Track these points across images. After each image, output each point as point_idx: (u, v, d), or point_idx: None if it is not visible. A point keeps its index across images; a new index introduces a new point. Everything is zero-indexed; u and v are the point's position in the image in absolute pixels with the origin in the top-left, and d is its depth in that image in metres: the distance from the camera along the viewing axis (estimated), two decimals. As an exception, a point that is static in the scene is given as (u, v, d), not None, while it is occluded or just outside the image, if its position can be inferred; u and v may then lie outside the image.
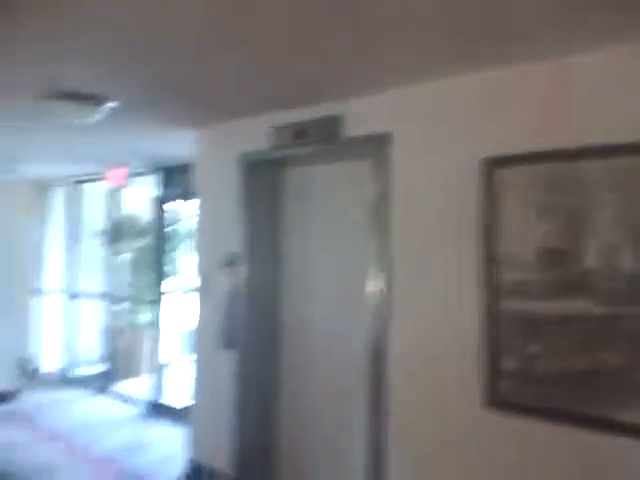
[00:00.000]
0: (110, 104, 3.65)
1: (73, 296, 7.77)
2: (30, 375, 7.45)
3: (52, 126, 4.60)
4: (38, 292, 7.98)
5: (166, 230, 6.57)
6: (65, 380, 7.58)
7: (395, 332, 3.26)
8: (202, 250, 4.69)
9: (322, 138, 3.65)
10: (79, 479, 4.56)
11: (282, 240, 4.28)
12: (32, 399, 6.56)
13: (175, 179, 6.31)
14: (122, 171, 6.62)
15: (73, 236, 7.83)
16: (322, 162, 4.01)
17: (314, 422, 3.98)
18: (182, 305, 6.81)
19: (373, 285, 3.37)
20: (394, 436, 3.24)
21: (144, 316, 7.75)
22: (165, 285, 6.52)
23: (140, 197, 7.74)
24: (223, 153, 4.37)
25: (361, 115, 3.48)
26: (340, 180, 3.90)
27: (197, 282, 4.77)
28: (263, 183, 4.25)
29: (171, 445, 5.26)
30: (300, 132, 3.74)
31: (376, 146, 3.36)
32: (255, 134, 4.08)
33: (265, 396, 4.22)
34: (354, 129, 3.50)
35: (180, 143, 5.07)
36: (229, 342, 4.17)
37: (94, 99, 3.58)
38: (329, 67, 3.00)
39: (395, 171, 3.29)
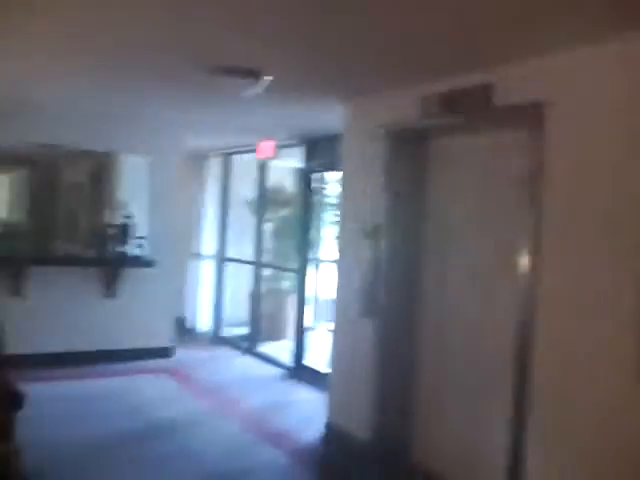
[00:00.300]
0: (268, 78, 3.81)
1: (223, 261, 8.28)
2: (186, 333, 8.07)
3: (214, 100, 4.93)
4: (194, 256, 8.62)
5: (310, 200, 6.75)
6: (216, 339, 8.14)
7: (543, 312, 3.13)
8: (345, 220, 4.79)
9: (472, 108, 3.55)
10: (228, 430, 4.89)
11: (425, 212, 4.25)
12: (187, 355, 7.09)
13: (320, 151, 6.46)
14: (271, 143, 6.89)
15: (224, 205, 8.31)
16: (471, 133, 3.91)
17: (453, 393, 3.95)
18: (324, 273, 7.02)
19: (521, 263, 3.25)
20: (538, 408, 3.14)
21: (287, 282, 8.12)
22: (308, 253, 6.73)
23: (286, 168, 8.03)
24: (370, 124, 4.39)
25: (513, 83, 3.33)
26: (489, 151, 3.77)
27: (339, 251, 4.89)
28: (408, 154, 4.22)
29: (311, 407, 5.48)
30: (449, 102, 3.66)
31: (529, 116, 3.20)
32: (402, 105, 4.06)
33: (404, 365, 4.25)
34: (506, 98, 3.36)
35: (326, 115, 5.18)
36: (369, 310, 4.25)
37: (255, 73, 3.77)
38: (483, 32, 2.90)
39: (551, 142, 3.12)
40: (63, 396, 5.23)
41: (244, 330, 7.92)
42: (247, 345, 7.62)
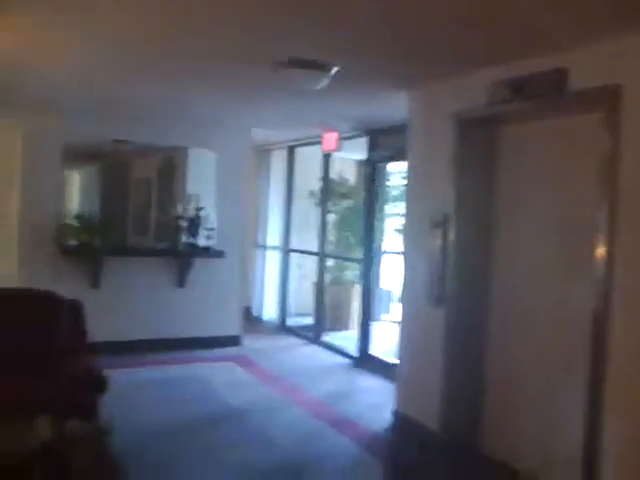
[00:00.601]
0: (334, 69, 3.84)
1: (288, 252, 8.40)
2: (252, 322, 8.24)
3: (280, 93, 5.00)
4: (260, 247, 8.79)
5: (374, 191, 6.75)
6: (281, 328, 8.28)
7: (618, 301, 3.05)
8: (411, 210, 4.77)
9: (544, 92, 3.46)
10: (297, 417, 4.98)
11: (494, 201, 4.18)
12: (254, 344, 7.24)
13: (384, 141, 6.44)
14: (335, 135, 6.92)
15: (289, 197, 8.42)
16: (542, 118, 3.81)
17: (525, 382, 3.89)
18: (389, 263, 7.02)
19: (596, 251, 3.17)
20: (614, 400, 3.07)
21: (351, 273, 8.17)
22: (372, 244, 6.75)
23: (349, 160, 8.06)
24: (436, 112, 4.36)
25: (588, 66, 3.24)
26: (562, 137, 3.68)
27: (405, 241, 4.88)
28: (477, 142, 4.16)
29: (378, 396, 5.50)
30: (520, 87, 3.58)
31: (604, 100, 3.12)
32: (471, 91, 4.00)
33: (473, 354, 4.21)
34: (579, 82, 3.27)
35: (391, 105, 5.16)
36: (438, 299, 4.23)
37: (321, 65, 3.81)
38: (556, 13, 2.82)
39: (628, 127, 3.03)
40: (137, 382, 5.45)
41: (309, 320, 8.01)
42: (312, 334, 7.71)
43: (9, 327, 3.80)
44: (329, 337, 7.60)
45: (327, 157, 7.61)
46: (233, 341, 7.08)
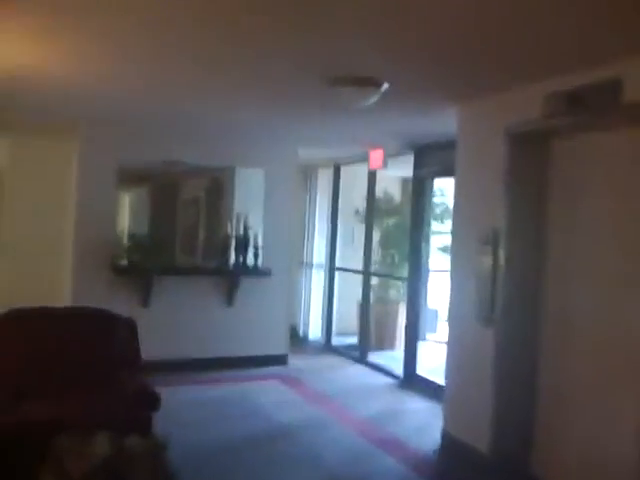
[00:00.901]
0: (385, 86, 3.86)
1: (333, 270, 8.39)
2: (298, 341, 8.22)
3: (327, 111, 5.05)
4: (305, 265, 8.81)
5: (420, 209, 6.70)
6: (326, 348, 8.25)
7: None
8: (459, 227, 4.72)
9: (599, 104, 3.39)
10: (344, 437, 4.94)
11: (547, 217, 4.09)
12: (300, 363, 7.23)
13: (430, 158, 6.40)
14: (380, 152, 6.93)
15: (334, 215, 8.43)
16: (598, 131, 3.71)
17: (579, 402, 3.77)
18: (435, 282, 6.94)
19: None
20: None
21: (396, 291, 8.11)
22: (419, 262, 6.68)
23: (395, 177, 8.04)
24: (487, 126, 4.31)
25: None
26: (620, 150, 3.57)
27: (453, 258, 4.82)
28: (529, 156, 4.09)
29: (425, 417, 5.42)
30: (575, 99, 3.50)
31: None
32: (523, 105, 3.95)
33: (524, 374, 4.10)
34: (635, 93, 3.17)
35: (438, 120, 5.15)
36: (487, 318, 4.15)
37: (370, 82, 3.83)
38: (610, 22, 2.76)
39: None
40: (186, 401, 5.49)
41: (354, 339, 7.96)
42: (357, 354, 7.65)
43: (67, 345, 3.89)
44: (374, 357, 7.53)
45: (373, 174, 7.61)
46: (280, 360, 7.08)
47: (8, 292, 6.66)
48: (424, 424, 5.19)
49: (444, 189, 7.64)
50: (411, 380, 6.50)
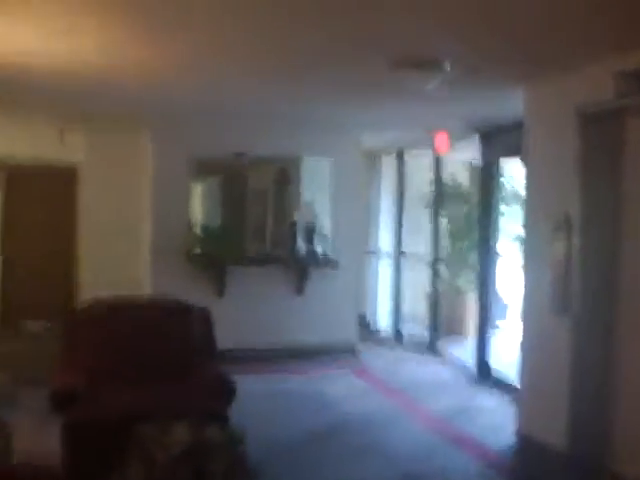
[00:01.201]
0: (448, 68, 3.80)
1: (400, 258, 8.32)
2: (366, 331, 8.21)
3: (392, 97, 5.04)
4: (372, 254, 8.79)
5: (489, 194, 6.56)
6: (395, 337, 8.19)
7: None
8: (531, 212, 4.60)
9: None
10: (415, 431, 4.93)
11: (623, 200, 3.90)
12: (369, 353, 7.24)
13: (498, 140, 6.24)
14: (446, 137, 6.81)
15: (400, 202, 8.36)
16: None
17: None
18: (507, 270, 6.78)
19: None
20: None
21: (465, 280, 7.95)
22: (489, 249, 6.55)
23: (461, 161, 7.89)
24: (556, 107, 4.18)
25: None
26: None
27: (525, 245, 4.71)
28: (603, 137, 3.92)
29: (498, 412, 5.32)
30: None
31: None
32: (595, 83, 3.79)
33: (603, 367, 3.96)
34: None
35: (504, 102, 5.02)
36: (562, 308, 4.04)
37: (435, 64, 3.78)
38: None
39: None
40: (258, 390, 5.59)
41: (423, 328, 7.89)
42: (427, 343, 7.59)
43: (146, 335, 4.06)
44: (444, 346, 7.44)
45: (438, 159, 7.50)
46: (349, 350, 7.12)
47: (93, 282, 7.04)
48: (498, 420, 5.10)
49: (512, 174, 7.44)
50: (483, 372, 6.37)
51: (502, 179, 7.03)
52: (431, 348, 7.50)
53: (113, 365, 3.83)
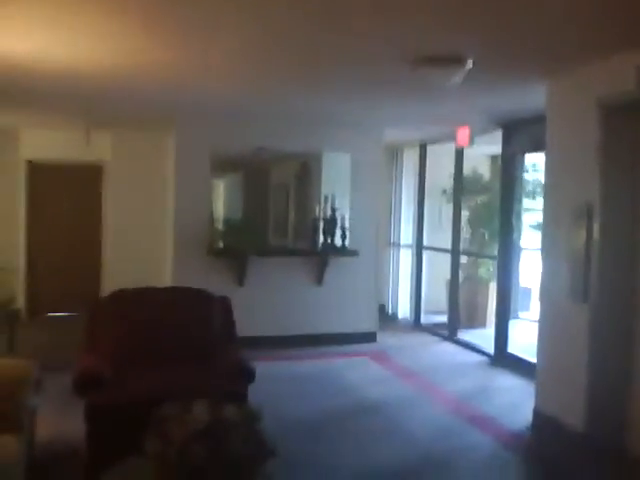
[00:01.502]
0: (469, 63, 3.83)
1: (421, 249, 8.40)
2: (386, 320, 8.32)
3: (412, 92, 5.07)
4: (393, 245, 8.88)
5: (510, 186, 6.56)
6: (415, 326, 8.31)
7: None
8: (551, 202, 4.62)
9: None
10: (434, 412, 5.01)
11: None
12: (388, 341, 7.34)
13: (519, 134, 6.25)
14: (467, 130, 6.83)
15: (421, 194, 8.42)
16: None
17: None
18: (527, 260, 6.80)
19: None
20: None
21: (487, 269, 8.00)
22: (509, 240, 6.56)
23: (482, 154, 7.89)
24: (577, 99, 4.20)
25: None
26: None
27: (544, 235, 4.72)
28: (624, 129, 3.95)
29: (516, 394, 5.40)
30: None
31: None
32: (616, 75, 3.81)
33: (620, 352, 4.01)
34: None
35: (526, 95, 5.05)
36: (581, 295, 4.07)
37: (455, 60, 3.81)
38: None
39: None
40: (278, 375, 5.73)
41: (443, 317, 7.97)
42: (447, 332, 7.66)
43: (167, 323, 4.17)
44: (464, 335, 7.52)
45: (460, 153, 7.51)
46: (369, 337, 7.22)
47: (117, 275, 7.22)
48: (516, 402, 5.17)
49: (537, 164, 7.42)
50: (502, 358, 6.46)
51: (524, 172, 7.02)
52: (451, 335, 7.57)
53: (136, 351, 3.94)
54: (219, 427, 2.60)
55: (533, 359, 5.08)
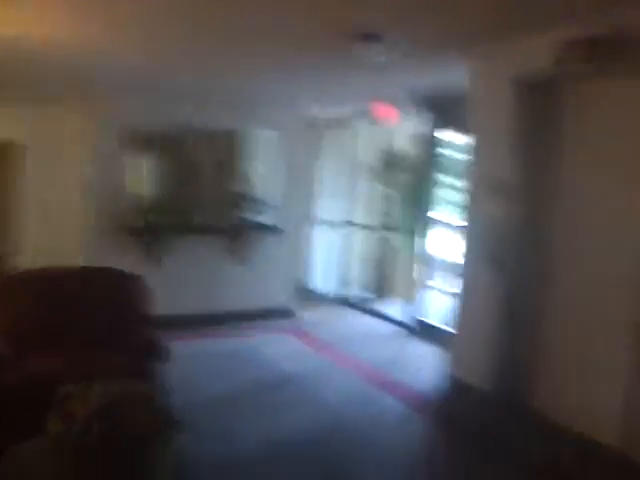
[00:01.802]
0: (392, 41, 3.87)
1: (341, 225, 8.49)
2: (306, 295, 8.37)
3: (337, 70, 5.08)
4: (314, 222, 8.91)
5: (431, 163, 6.72)
6: (336, 300, 8.41)
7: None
8: (471, 178, 4.73)
9: (615, 52, 3.30)
10: (349, 381, 5.14)
11: (558, 167, 4.08)
12: (307, 316, 7.43)
13: (440, 112, 6.35)
14: (390, 108, 6.90)
15: (343, 171, 8.47)
16: (613, 80, 3.63)
17: (575, 344, 3.93)
18: (443, 235, 7.00)
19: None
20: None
21: (406, 244, 8.18)
22: (425, 215, 6.75)
23: (406, 132, 8.01)
24: (496, 77, 4.28)
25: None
26: (635, 100, 3.50)
27: (465, 209, 4.87)
28: (539, 107, 4.08)
29: (430, 361, 5.59)
30: (589, 47, 3.37)
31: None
32: (532, 54, 3.89)
33: (527, 318, 4.25)
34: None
35: (448, 74, 5.13)
36: (495, 265, 4.26)
37: (378, 38, 3.84)
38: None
39: None
40: (198, 353, 5.72)
41: (361, 291, 8.12)
42: (366, 304, 7.82)
43: (78, 302, 4.07)
44: (383, 307, 7.70)
45: (384, 131, 7.60)
46: (288, 313, 7.30)
47: (35, 254, 6.95)
48: (429, 368, 5.36)
49: (458, 143, 7.60)
50: (417, 327, 6.68)
51: (443, 149, 7.18)
52: (370, 309, 7.75)
53: (40, 331, 3.83)
54: (122, 404, 2.59)
55: (447, 327, 5.28)
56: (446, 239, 6.72)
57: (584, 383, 3.81)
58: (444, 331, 5.73)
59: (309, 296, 8.50)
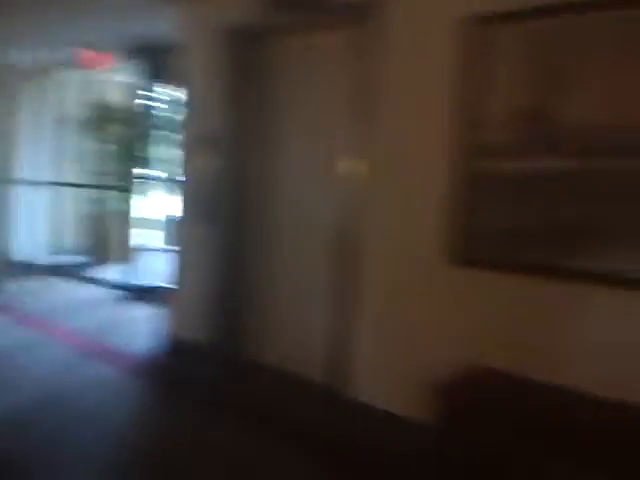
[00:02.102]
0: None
1: (45, 185, 7.68)
2: (9, 266, 7.47)
3: (38, 10, 4.42)
4: (11, 182, 7.86)
5: (141, 116, 6.39)
6: (44, 269, 7.62)
7: (371, 208, 3.31)
8: (184, 132, 4.58)
9: (307, 4, 3.41)
10: (57, 353, 4.65)
11: (265, 119, 4.13)
12: (12, 287, 6.65)
13: (155, 63, 6.08)
14: (98, 56, 6.38)
15: (44, 125, 7.63)
16: (307, 33, 3.76)
17: (284, 289, 4.10)
18: (157, 192, 6.81)
19: (349, 164, 3.38)
20: (364, 292, 3.36)
21: (118, 204, 7.73)
22: (137, 172, 6.45)
23: (115, 83, 7.51)
24: (203, 27, 4.15)
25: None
26: (325, 55, 3.67)
27: (180, 164, 4.72)
28: (244, 57, 4.04)
29: (148, 323, 5.37)
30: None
31: (365, 14, 3.14)
32: (240, 3, 3.83)
33: (237, 268, 4.29)
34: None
35: (155, 22, 4.90)
36: (210, 218, 4.24)
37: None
38: None
39: (390, 46, 3.12)
40: None
41: (76, 257, 7.55)
42: (78, 271, 7.28)
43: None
44: (95, 272, 7.25)
45: (94, 82, 7.01)
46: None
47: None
48: (149, 330, 5.14)
49: (173, 96, 7.36)
50: (133, 290, 6.42)
51: (159, 103, 6.90)
52: (81, 274, 7.23)
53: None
54: None
55: (167, 287, 5.12)
56: (163, 197, 6.55)
57: (295, 325, 4.01)
58: (164, 291, 5.56)
59: (14, 267, 7.54)
